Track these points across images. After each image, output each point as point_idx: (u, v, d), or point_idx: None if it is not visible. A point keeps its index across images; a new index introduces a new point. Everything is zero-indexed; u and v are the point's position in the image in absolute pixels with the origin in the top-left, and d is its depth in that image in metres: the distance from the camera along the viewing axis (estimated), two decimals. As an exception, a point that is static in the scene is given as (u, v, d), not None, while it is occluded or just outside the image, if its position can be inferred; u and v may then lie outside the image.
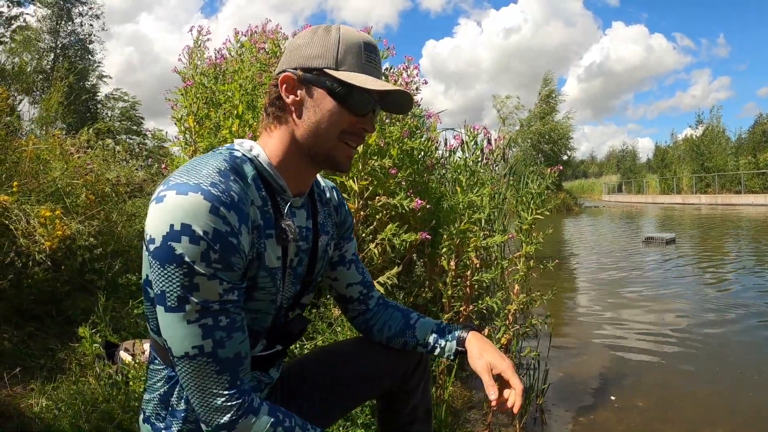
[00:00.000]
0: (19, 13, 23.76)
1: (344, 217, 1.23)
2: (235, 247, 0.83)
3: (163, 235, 0.79)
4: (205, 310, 0.81)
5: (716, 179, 32.91)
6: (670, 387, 2.99)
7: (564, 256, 8.91)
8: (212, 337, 0.82)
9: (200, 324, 0.81)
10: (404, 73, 2.73)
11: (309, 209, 1.09)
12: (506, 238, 2.48)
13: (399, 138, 2.43)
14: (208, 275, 0.80)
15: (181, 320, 0.81)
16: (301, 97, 0.95)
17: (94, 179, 3.34)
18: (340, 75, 0.92)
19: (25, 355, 2.35)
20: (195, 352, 0.82)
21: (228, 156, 0.92)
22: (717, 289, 5.71)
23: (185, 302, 0.80)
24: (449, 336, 1.22)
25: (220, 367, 0.83)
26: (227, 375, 0.84)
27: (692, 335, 4.00)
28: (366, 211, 2.45)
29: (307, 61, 0.94)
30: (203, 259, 0.79)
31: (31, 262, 2.51)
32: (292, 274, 1.04)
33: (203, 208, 0.79)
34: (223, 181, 0.84)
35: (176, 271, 0.79)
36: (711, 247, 9.66)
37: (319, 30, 0.96)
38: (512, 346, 2.58)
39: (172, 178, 0.83)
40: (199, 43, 2.94)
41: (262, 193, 0.94)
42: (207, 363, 0.82)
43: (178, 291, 0.80)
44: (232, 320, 0.84)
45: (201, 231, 0.79)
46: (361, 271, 1.28)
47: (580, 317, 4.71)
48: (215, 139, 2.54)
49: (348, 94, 0.93)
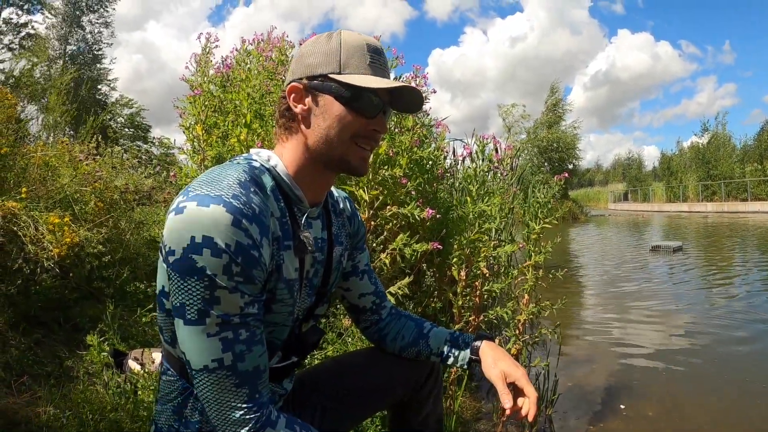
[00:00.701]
0: (28, 20, 24.05)
1: (357, 228, 1.23)
2: (256, 260, 0.82)
3: (183, 247, 0.78)
4: (226, 324, 0.80)
5: (722, 187, 32.78)
6: (679, 396, 2.96)
7: (571, 265, 8.86)
8: (232, 350, 0.81)
9: (220, 337, 0.80)
10: (413, 82, 2.72)
11: (324, 220, 1.09)
12: (516, 247, 2.46)
13: (409, 147, 2.42)
14: (229, 288, 0.79)
15: (200, 333, 0.80)
16: (308, 105, 0.95)
17: (102, 186, 3.35)
18: (344, 78, 0.92)
19: (33, 362, 2.35)
20: (214, 365, 0.81)
21: (247, 166, 0.92)
22: (725, 298, 5.66)
23: (206, 315, 0.79)
24: (463, 345, 1.21)
25: (239, 380, 0.82)
26: (246, 388, 0.83)
27: (701, 344, 3.96)
28: (376, 221, 2.45)
29: (312, 69, 0.94)
30: (225, 272, 0.78)
31: (39, 269, 2.52)
32: (308, 286, 1.04)
33: (225, 220, 0.78)
34: (244, 192, 0.83)
35: (197, 284, 0.78)
36: (718, 256, 9.60)
37: (321, 38, 0.96)
38: (522, 356, 2.56)
39: (192, 188, 0.82)
40: (208, 50, 2.94)
41: (280, 205, 0.94)
42: (226, 376, 0.81)
43: (198, 304, 0.79)
44: (252, 333, 0.84)
45: (223, 244, 0.78)
46: (374, 281, 1.27)
47: (588, 326, 4.68)
48: (223, 147, 2.54)
49: (355, 97, 0.93)
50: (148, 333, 2.71)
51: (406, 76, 2.77)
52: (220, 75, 2.79)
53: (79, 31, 27.23)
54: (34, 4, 24.19)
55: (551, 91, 35.96)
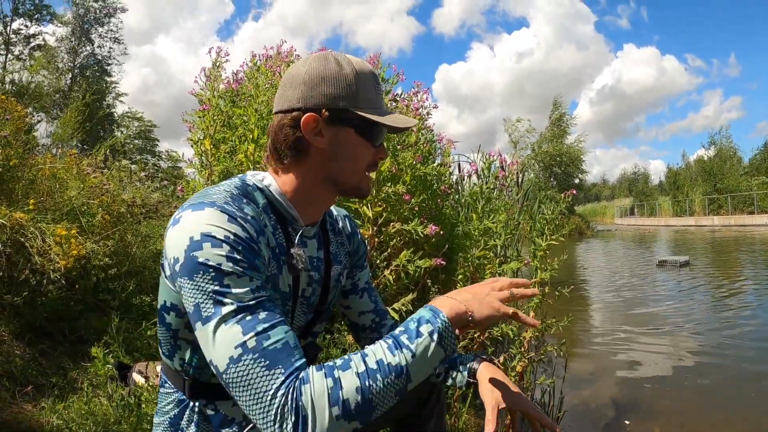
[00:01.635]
0: (38, 31, 24.38)
1: (357, 246, 1.23)
2: (256, 252, 0.83)
3: (185, 249, 0.79)
4: (241, 308, 0.76)
5: (729, 200, 32.62)
6: (685, 413, 2.93)
7: (577, 280, 8.82)
8: (254, 329, 0.75)
9: (238, 320, 0.75)
10: (414, 98, 2.75)
11: (320, 239, 1.10)
12: (522, 264, 2.46)
13: (412, 164, 2.43)
14: (237, 273, 0.78)
15: (218, 325, 0.76)
16: (328, 137, 0.94)
17: (109, 199, 3.37)
18: (366, 114, 0.94)
19: (37, 372, 2.36)
20: (239, 351, 0.74)
21: (239, 183, 0.95)
22: (733, 314, 5.61)
23: (220, 305, 0.76)
24: (461, 366, 1.20)
25: (269, 360, 0.74)
26: (280, 367, 0.73)
27: (708, 360, 3.93)
28: (380, 238, 2.45)
29: (330, 100, 0.93)
30: (229, 259, 0.78)
31: (45, 280, 2.53)
32: (305, 304, 1.05)
33: (221, 217, 0.81)
34: (235, 202, 0.87)
35: (204, 277, 0.77)
36: (726, 270, 9.53)
37: (330, 63, 0.94)
38: (527, 374, 2.54)
39: (186, 203, 0.86)
40: (218, 64, 2.97)
41: (272, 222, 0.95)
42: (254, 360, 0.73)
43: (211, 297, 0.77)
44: (272, 312, 0.78)
45: (222, 236, 0.79)
46: (374, 299, 1.27)
47: (594, 342, 4.64)
48: (231, 162, 2.56)
49: (369, 129, 0.96)
50: (153, 346, 2.71)
51: (407, 93, 2.79)
52: (229, 90, 2.82)
53: (88, 44, 27.57)
54: (43, 15, 24.55)
55: (554, 106, 36.17)
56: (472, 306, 0.85)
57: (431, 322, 0.80)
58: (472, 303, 0.86)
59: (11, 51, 23.62)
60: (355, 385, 0.74)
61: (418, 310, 0.85)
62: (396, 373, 0.76)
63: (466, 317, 0.84)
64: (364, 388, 0.74)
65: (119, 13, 28.33)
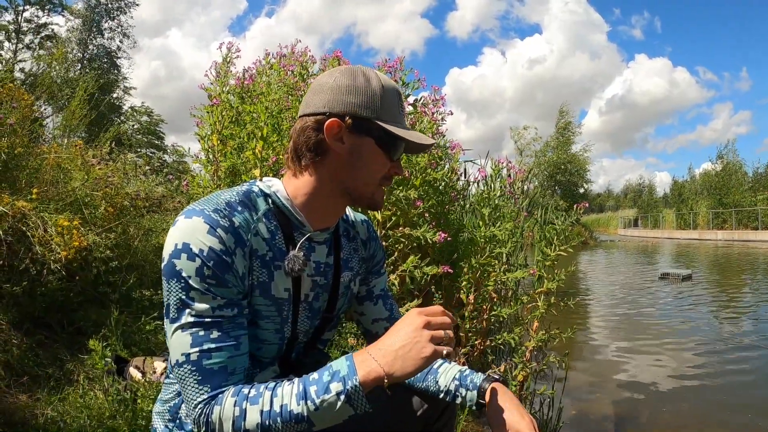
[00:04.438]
0: (49, 21, 24.46)
1: (373, 252, 1.21)
2: (228, 266, 0.88)
3: (169, 253, 0.87)
4: (198, 322, 0.86)
5: (733, 215, 32.53)
6: (685, 426, 2.92)
7: (579, 291, 8.80)
8: (200, 347, 0.85)
9: (191, 332, 0.86)
10: (430, 103, 2.73)
11: (331, 245, 1.09)
12: (528, 273, 2.43)
13: (424, 168, 2.41)
14: (201, 290, 0.86)
15: (176, 329, 0.86)
16: (348, 144, 0.97)
17: (113, 192, 3.35)
18: (388, 126, 0.96)
19: (34, 363, 2.34)
20: (183, 359, 0.86)
21: (244, 190, 0.99)
22: (734, 327, 5.61)
23: (181, 313, 0.86)
24: (470, 385, 1.15)
25: (201, 377, 0.85)
26: (207, 386, 0.85)
27: (708, 374, 3.93)
28: (387, 242, 2.43)
29: (355, 109, 0.96)
30: (198, 274, 0.85)
31: (45, 271, 2.52)
32: (308, 309, 1.05)
33: (202, 228, 0.87)
34: (227, 210, 0.92)
35: (176, 284, 0.86)
36: (728, 284, 9.50)
37: (359, 76, 0.97)
38: (527, 383, 2.51)
39: (188, 206, 0.92)
40: (229, 60, 2.95)
41: (271, 227, 0.98)
42: (190, 372, 0.85)
43: (177, 303, 0.86)
44: (225, 335, 0.87)
45: (197, 249, 0.86)
46: (389, 307, 1.25)
47: (594, 353, 4.63)
48: (238, 159, 2.54)
49: (389, 142, 0.98)
50: (151, 341, 2.69)
51: (424, 96, 2.78)
52: (240, 86, 2.80)
53: (98, 36, 27.64)
54: (55, 5, 24.62)
55: (560, 114, 36.20)
56: (394, 367, 0.84)
57: (343, 381, 0.83)
58: (395, 363, 0.84)
59: (21, 40, 23.70)
60: (257, 421, 0.83)
61: (339, 360, 0.87)
62: (296, 420, 0.83)
63: (383, 380, 0.84)
64: (264, 426, 0.83)
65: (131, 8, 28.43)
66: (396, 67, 2.70)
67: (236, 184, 2.59)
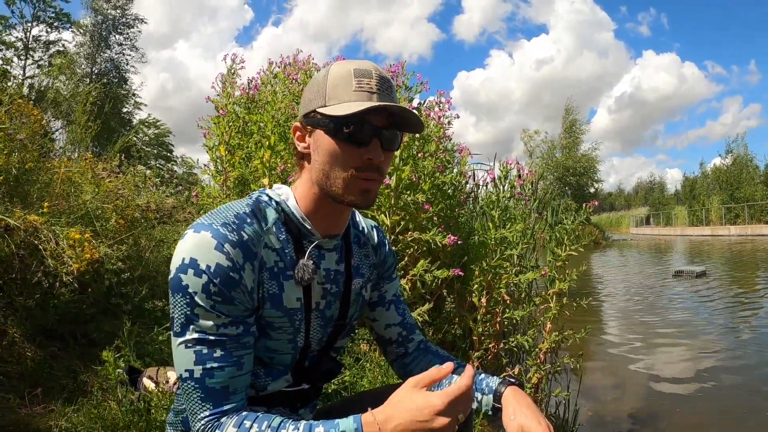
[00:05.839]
0: (57, 38, 24.75)
1: (384, 257, 1.20)
2: (236, 282, 0.87)
3: (176, 268, 0.86)
4: (202, 340, 0.86)
5: (746, 209, 32.21)
6: (702, 426, 2.88)
7: (593, 290, 8.74)
8: (203, 365, 0.86)
9: (195, 350, 0.86)
10: (436, 107, 2.71)
11: (342, 252, 1.07)
12: (539, 274, 2.41)
13: (431, 172, 2.40)
14: (206, 307, 0.86)
15: (180, 344, 0.87)
16: (308, 142, 0.97)
17: (124, 204, 3.37)
18: (326, 110, 0.90)
19: (47, 375, 2.35)
20: (186, 375, 0.87)
21: (253, 201, 0.97)
22: (751, 325, 5.52)
23: (186, 329, 0.86)
24: (486, 389, 1.13)
25: (204, 394, 0.86)
26: (210, 403, 0.87)
27: (725, 373, 3.86)
28: (397, 246, 2.42)
29: (306, 105, 0.96)
30: (204, 290, 0.85)
31: (58, 283, 2.53)
32: (320, 317, 1.04)
33: (209, 244, 0.86)
34: (236, 223, 0.90)
35: (181, 300, 0.86)
36: (743, 281, 9.38)
37: (320, 72, 0.98)
38: (543, 385, 2.49)
39: (198, 219, 0.91)
40: (233, 71, 2.97)
41: (281, 237, 0.96)
42: (194, 388, 0.86)
43: (182, 318, 0.86)
44: (228, 353, 0.88)
45: (204, 265, 0.85)
46: (401, 312, 1.23)
47: (609, 354, 4.58)
48: (246, 169, 2.55)
49: (339, 128, 0.90)
50: (164, 351, 2.69)
51: (429, 100, 2.76)
52: (245, 96, 2.81)
53: (106, 51, 27.91)
54: (63, 21, 24.92)
55: (566, 113, 36.09)
56: None
57: None
58: None
59: (31, 56, 23.98)
60: None
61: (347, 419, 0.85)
62: None
63: None
64: None
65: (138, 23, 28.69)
66: (398, 72, 2.69)
67: (245, 193, 2.62)
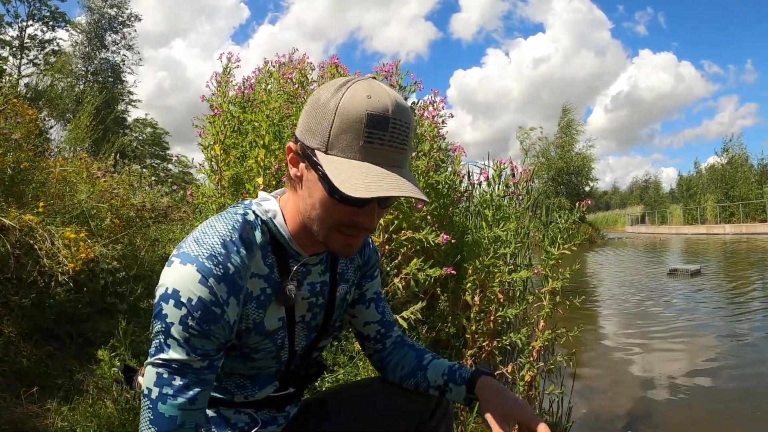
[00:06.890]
0: (53, 37, 24.68)
1: (368, 257, 1.20)
2: (216, 317, 0.87)
3: (160, 294, 0.86)
4: (166, 365, 0.86)
5: (740, 208, 32.34)
6: (697, 423, 2.89)
7: (587, 289, 8.75)
8: (160, 389, 0.86)
9: (158, 371, 0.86)
10: (430, 106, 2.71)
11: (327, 261, 1.07)
12: (532, 273, 2.43)
13: (425, 171, 2.41)
14: (180, 339, 0.86)
15: (150, 362, 0.87)
16: (301, 171, 0.88)
17: (119, 203, 3.38)
18: (325, 163, 0.81)
19: (43, 374, 2.36)
20: (146, 392, 0.87)
21: (240, 221, 0.93)
22: (745, 323, 5.53)
23: (158, 352, 0.86)
24: (459, 380, 1.13)
25: (153, 416, 0.86)
26: (155, 428, 0.86)
27: (720, 371, 3.87)
28: (390, 245, 2.43)
29: (304, 132, 0.85)
30: (180, 322, 0.85)
31: (53, 282, 2.54)
32: (305, 328, 1.06)
33: (193, 278, 0.85)
34: (223, 253, 0.88)
35: (159, 326, 0.86)
36: (738, 279, 9.39)
37: (331, 90, 0.83)
38: (536, 383, 2.51)
39: (184, 244, 0.89)
40: (228, 70, 2.97)
41: (269, 261, 0.95)
42: (147, 407, 0.87)
43: (156, 342, 0.87)
44: (185, 386, 0.87)
45: (185, 298, 0.85)
46: (381, 310, 1.24)
47: (604, 352, 4.59)
48: (241, 168, 2.55)
49: (336, 189, 0.79)
50: (160, 350, 2.70)
51: (423, 100, 2.77)
52: (240, 96, 2.82)
53: (102, 50, 27.83)
54: (58, 20, 24.85)
55: (563, 113, 36.16)
56: None
57: None
58: None
59: (26, 55, 23.91)
60: None
61: None
62: None
63: None
64: None
65: (134, 21, 28.62)
66: (392, 71, 2.67)
67: (239, 192, 2.63)
